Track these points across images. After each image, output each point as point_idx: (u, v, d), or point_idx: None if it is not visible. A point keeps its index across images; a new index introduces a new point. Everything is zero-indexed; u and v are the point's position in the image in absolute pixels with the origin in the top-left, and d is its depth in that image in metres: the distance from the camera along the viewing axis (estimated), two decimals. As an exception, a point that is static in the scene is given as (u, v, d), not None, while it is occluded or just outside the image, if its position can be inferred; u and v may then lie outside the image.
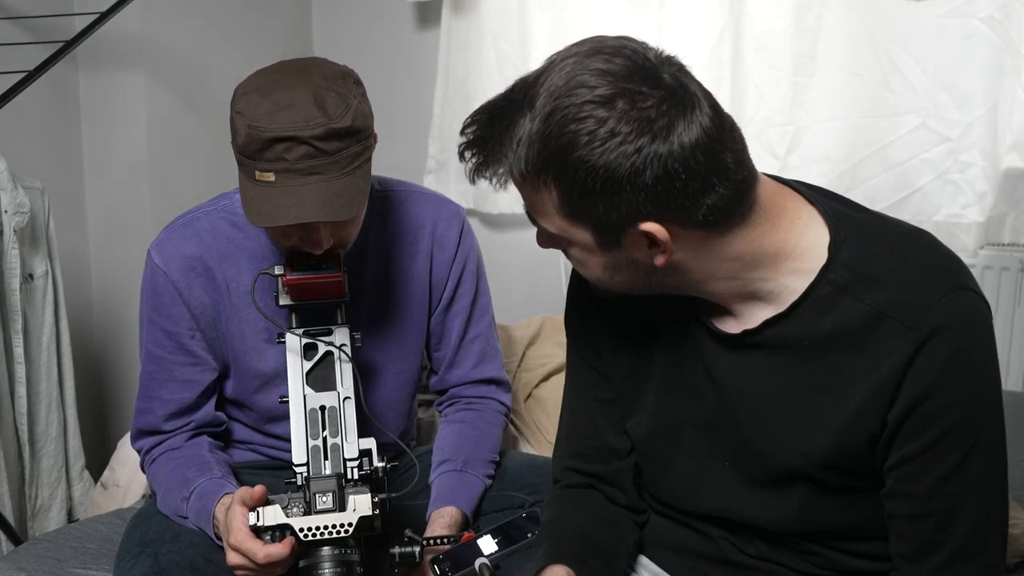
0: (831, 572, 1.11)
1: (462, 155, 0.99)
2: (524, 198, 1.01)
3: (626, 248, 0.98)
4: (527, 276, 2.69)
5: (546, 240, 1.05)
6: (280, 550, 1.22)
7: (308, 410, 1.33)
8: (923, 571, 1.02)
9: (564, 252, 1.05)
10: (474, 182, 1.00)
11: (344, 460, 1.30)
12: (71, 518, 2.21)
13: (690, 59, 2.55)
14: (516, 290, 2.65)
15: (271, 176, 1.26)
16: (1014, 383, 2.21)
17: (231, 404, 1.57)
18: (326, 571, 1.23)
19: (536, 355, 2.12)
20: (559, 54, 0.96)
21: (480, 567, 1.31)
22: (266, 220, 1.28)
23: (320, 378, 1.37)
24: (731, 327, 1.06)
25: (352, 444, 1.31)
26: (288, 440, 1.34)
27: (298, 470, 1.30)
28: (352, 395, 1.35)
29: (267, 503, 1.26)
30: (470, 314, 1.60)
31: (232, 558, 1.25)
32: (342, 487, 1.26)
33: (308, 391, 1.35)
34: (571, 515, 1.22)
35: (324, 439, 1.31)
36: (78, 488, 2.23)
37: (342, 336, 1.38)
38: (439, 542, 1.36)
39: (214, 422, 1.54)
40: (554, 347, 2.12)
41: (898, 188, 2.15)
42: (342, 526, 1.22)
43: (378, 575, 1.36)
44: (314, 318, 1.40)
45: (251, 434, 1.58)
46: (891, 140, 2.15)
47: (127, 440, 2.05)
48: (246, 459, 1.58)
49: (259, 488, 1.26)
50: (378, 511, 1.24)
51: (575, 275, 1.22)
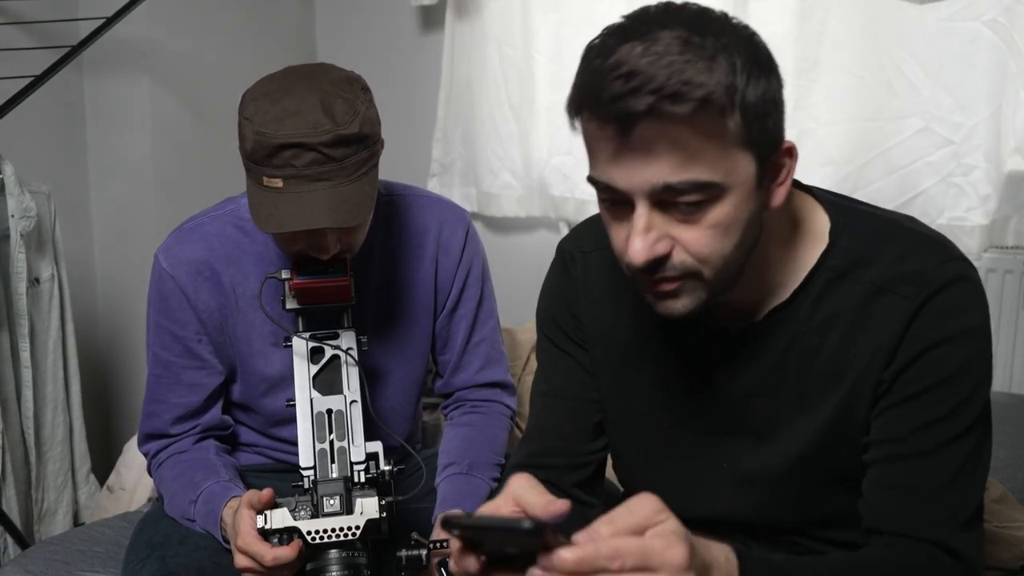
0: None
1: (619, 99, 0.88)
2: (678, 144, 0.89)
3: (767, 189, 0.96)
4: (531, 279, 2.67)
5: (658, 238, 0.93)
6: (288, 553, 1.23)
7: (315, 414, 1.34)
8: (892, 519, 1.00)
9: (691, 240, 0.94)
10: (626, 124, 0.89)
11: (351, 463, 1.30)
12: (77, 521, 2.22)
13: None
14: (520, 294, 2.64)
15: (279, 182, 1.27)
16: (1018, 386, 2.21)
17: (238, 408, 1.57)
18: (333, 574, 1.24)
19: (541, 358, 2.12)
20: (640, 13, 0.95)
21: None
22: (274, 226, 1.28)
23: (327, 382, 1.37)
24: (733, 323, 1.06)
25: (359, 447, 1.31)
26: (294, 443, 1.34)
27: (305, 473, 1.30)
28: (358, 399, 1.35)
29: (275, 506, 1.26)
30: (475, 318, 1.60)
31: (240, 561, 1.26)
32: (349, 490, 1.27)
33: (315, 395, 1.35)
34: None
35: (331, 442, 1.32)
36: (84, 492, 2.24)
37: (348, 340, 1.39)
38: (445, 545, 1.37)
39: (221, 425, 1.55)
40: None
41: (902, 191, 2.15)
42: (349, 529, 1.23)
43: (385, 578, 1.36)
44: (320, 322, 1.41)
45: (257, 437, 1.59)
46: (895, 143, 2.15)
47: (133, 444, 2.06)
48: (252, 462, 1.59)
49: (267, 491, 1.26)
50: (385, 514, 1.25)
51: (557, 266, 1.23)
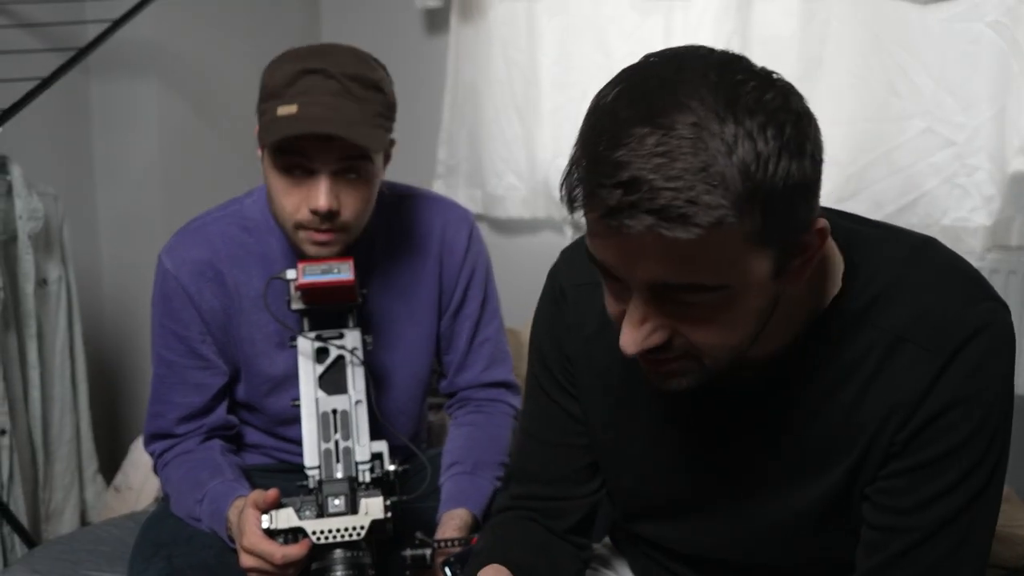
0: None
1: (616, 213, 0.77)
2: (681, 255, 0.78)
3: (789, 271, 0.85)
4: (536, 280, 2.67)
5: (663, 329, 0.85)
6: (297, 551, 1.24)
7: (320, 413, 1.34)
8: None
9: (694, 333, 0.85)
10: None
11: (356, 463, 1.31)
12: (84, 521, 2.22)
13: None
14: (525, 294, 2.64)
15: (293, 108, 1.28)
16: (1022, 387, 2.21)
17: (242, 408, 1.58)
18: (338, 574, 1.24)
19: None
20: (644, 72, 0.81)
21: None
22: (274, 134, 1.29)
23: (332, 381, 1.38)
24: (738, 372, 0.95)
25: (364, 447, 1.32)
26: (299, 443, 1.35)
27: (310, 473, 1.31)
28: (363, 398, 1.36)
29: (280, 506, 1.27)
30: (479, 318, 1.61)
31: (246, 560, 1.26)
32: (354, 490, 1.27)
33: (320, 394, 1.36)
34: (502, 541, 1.14)
35: (336, 442, 1.33)
36: (91, 491, 2.25)
37: (353, 340, 1.39)
38: (450, 545, 1.37)
39: (226, 425, 1.55)
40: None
41: (904, 192, 2.15)
42: (354, 529, 1.24)
43: (389, 577, 1.37)
44: (325, 322, 1.42)
45: (263, 437, 1.59)
46: (897, 144, 2.15)
47: (139, 444, 2.07)
48: (257, 462, 1.59)
49: (272, 491, 1.27)
50: (390, 514, 1.26)
51: (548, 298, 1.15)
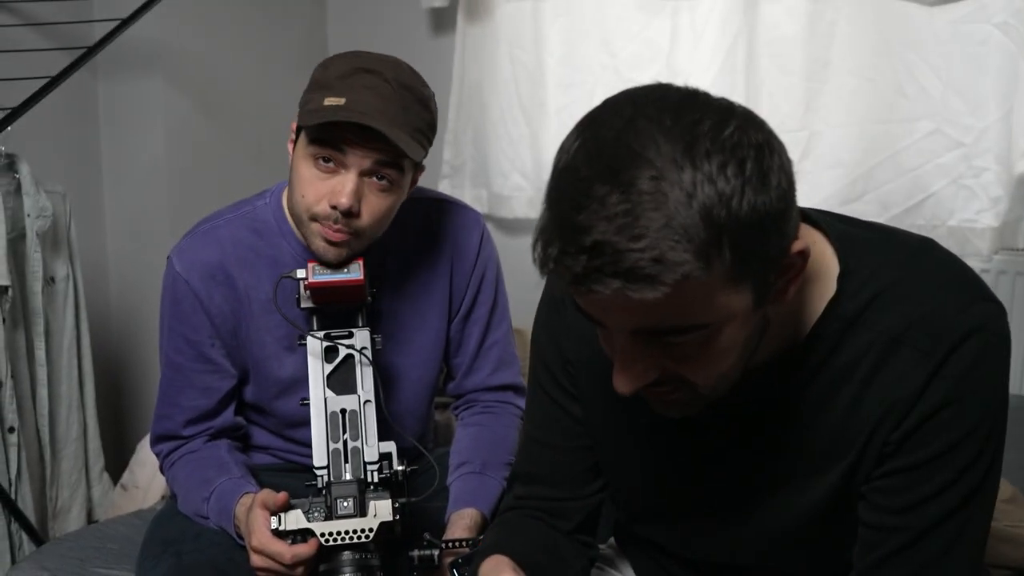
0: None
1: (584, 279, 0.78)
2: (653, 308, 0.78)
3: (773, 294, 0.85)
4: (541, 280, 2.69)
5: (653, 368, 0.86)
6: (307, 550, 1.24)
7: (329, 413, 1.34)
8: None
9: (682, 369, 0.86)
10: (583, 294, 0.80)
11: (364, 464, 1.31)
12: (91, 519, 2.23)
13: (703, 65, 2.54)
14: (531, 294, 2.65)
15: (342, 100, 1.28)
16: (1029, 388, 2.21)
17: (251, 409, 1.57)
18: (346, 575, 1.25)
19: (551, 359, 2.12)
20: (600, 127, 0.80)
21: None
22: (319, 116, 1.29)
23: (340, 381, 1.37)
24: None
25: (372, 447, 1.32)
26: (308, 445, 1.35)
27: (319, 473, 1.31)
28: (372, 398, 1.36)
29: (288, 507, 1.27)
30: (488, 322, 1.60)
31: (256, 560, 1.27)
32: (363, 492, 1.27)
33: (329, 394, 1.36)
34: (508, 539, 1.14)
35: (344, 442, 1.32)
36: (97, 489, 2.26)
37: (363, 339, 1.39)
38: (458, 545, 1.37)
39: (233, 427, 1.55)
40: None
41: (911, 193, 2.15)
42: (363, 531, 1.24)
43: (397, 577, 1.37)
44: (335, 322, 1.42)
45: (271, 439, 1.59)
46: (905, 145, 2.15)
47: (146, 442, 2.07)
48: (265, 462, 1.59)
49: (283, 495, 1.27)
50: (399, 516, 1.26)
51: (547, 301, 1.15)
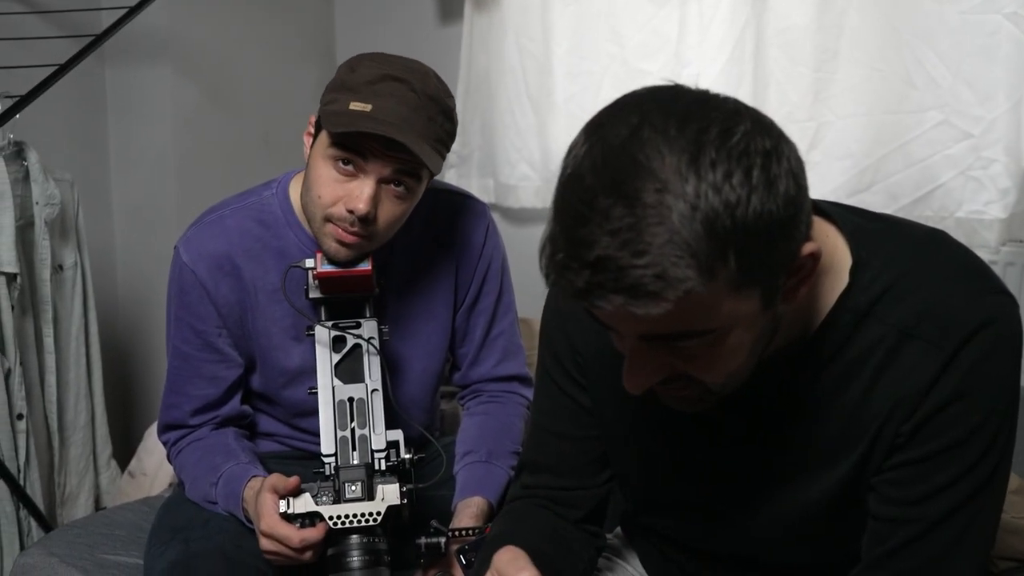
0: None
1: (587, 294, 0.78)
2: (658, 320, 0.78)
3: (782, 296, 0.85)
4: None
5: (662, 368, 0.87)
6: (315, 534, 1.25)
7: (336, 401, 1.35)
8: (887, 575, 0.96)
9: (691, 369, 0.87)
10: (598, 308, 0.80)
11: (372, 451, 1.32)
12: (99, 506, 2.24)
13: (711, 55, 2.53)
14: (538, 284, 2.65)
15: (368, 106, 1.28)
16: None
17: (258, 398, 1.58)
18: (354, 559, 1.25)
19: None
20: (604, 138, 0.79)
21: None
22: (345, 124, 1.28)
23: (348, 370, 1.38)
24: None
25: (380, 435, 1.33)
26: (315, 434, 1.36)
27: (326, 460, 1.32)
28: (379, 387, 1.36)
29: (298, 492, 1.28)
30: (494, 313, 1.61)
31: (265, 544, 1.28)
32: (371, 476, 1.28)
33: (336, 383, 1.37)
34: (515, 528, 1.15)
35: (352, 430, 1.33)
36: (105, 476, 2.27)
37: (370, 329, 1.40)
38: (464, 533, 1.38)
39: (240, 415, 1.56)
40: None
41: (920, 184, 2.15)
42: (371, 515, 1.25)
43: (404, 565, 1.38)
44: (342, 312, 1.42)
45: (278, 426, 1.60)
46: (913, 136, 2.14)
47: (153, 430, 2.09)
48: (272, 450, 1.60)
49: (294, 479, 1.28)
50: (406, 501, 1.27)
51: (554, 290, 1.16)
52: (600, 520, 1.21)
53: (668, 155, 0.76)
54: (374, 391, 1.36)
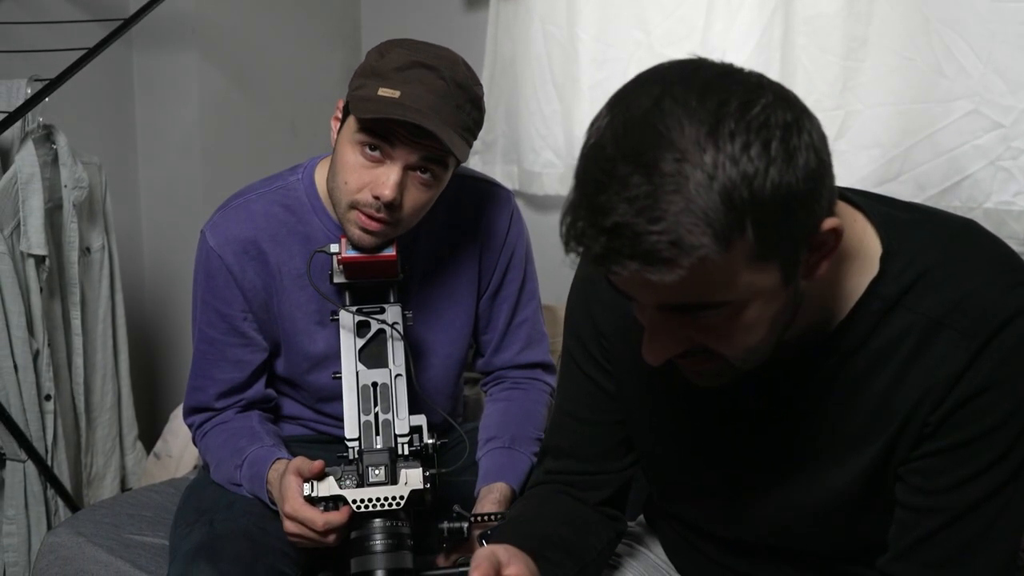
0: None
1: (604, 260, 0.80)
2: (675, 287, 0.79)
3: (802, 270, 0.86)
4: (571, 257, 2.69)
5: (682, 340, 0.88)
6: (339, 517, 1.25)
7: (360, 386, 1.36)
8: (914, 565, 0.96)
9: (710, 342, 0.88)
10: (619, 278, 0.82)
11: (395, 436, 1.33)
12: (124, 487, 2.27)
13: (739, 42, 2.51)
14: (561, 271, 2.65)
15: (396, 93, 1.28)
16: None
17: (283, 382, 1.59)
18: (377, 542, 1.26)
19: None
20: (626, 108, 0.81)
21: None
22: (373, 110, 1.28)
23: (372, 355, 1.39)
24: (773, 354, 0.94)
25: (403, 420, 1.33)
26: (339, 418, 1.37)
27: (350, 444, 1.32)
28: (403, 372, 1.37)
29: (322, 476, 1.29)
30: (518, 300, 1.61)
31: (289, 526, 1.29)
32: (394, 461, 1.29)
33: (360, 367, 1.37)
34: (533, 512, 1.17)
35: (376, 415, 1.34)
36: (131, 458, 2.29)
37: (394, 315, 1.40)
38: (487, 518, 1.39)
39: (264, 399, 1.57)
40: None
41: (948, 175, 2.12)
42: (394, 499, 1.25)
43: (427, 549, 1.39)
44: (367, 297, 1.43)
45: (302, 410, 1.61)
46: (943, 126, 2.12)
47: (179, 412, 2.10)
48: (296, 433, 1.61)
49: (318, 462, 1.28)
50: (429, 485, 1.27)
51: (583, 267, 1.12)
52: (622, 505, 1.21)
53: (688, 126, 0.77)
54: (397, 376, 1.37)
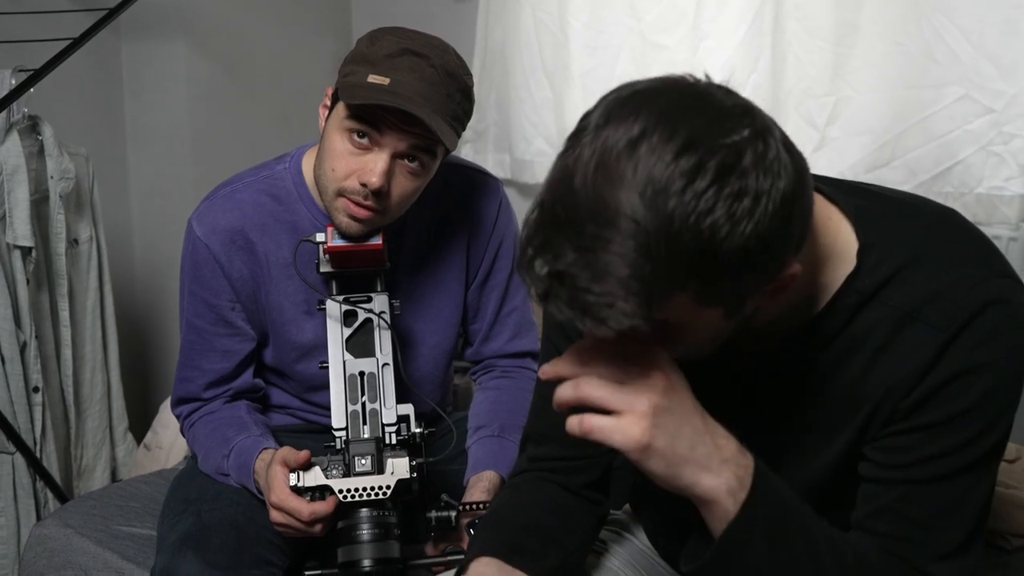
0: None
1: (544, 299, 0.81)
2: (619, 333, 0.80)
3: (751, 305, 0.86)
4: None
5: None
6: (324, 507, 1.25)
7: (347, 376, 1.35)
8: (878, 534, 0.96)
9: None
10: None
11: (382, 425, 1.32)
12: (115, 478, 2.26)
13: (730, 28, 2.49)
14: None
15: (386, 80, 1.27)
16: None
17: (271, 371, 1.59)
18: (364, 532, 1.26)
19: (571, 325, 2.12)
20: (586, 159, 0.78)
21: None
22: (362, 96, 1.27)
23: (359, 344, 1.39)
24: (749, 346, 0.96)
25: (390, 409, 1.33)
26: (327, 407, 1.36)
27: (337, 434, 1.32)
28: (390, 361, 1.37)
29: (308, 465, 1.29)
30: (506, 289, 1.60)
31: (275, 516, 1.28)
32: (381, 450, 1.29)
33: (347, 357, 1.37)
34: (516, 502, 1.16)
35: (363, 404, 1.34)
36: (121, 449, 2.28)
37: (381, 304, 1.40)
38: (475, 507, 1.38)
39: (252, 389, 1.57)
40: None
41: (940, 160, 2.12)
42: (380, 488, 1.25)
43: (415, 538, 1.38)
44: (354, 286, 1.42)
45: (290, 399, 1.61)
46: (934, 111, 2.11)
47: (169, 403, 2.10)
48: (284, 423, 1.61)
49: (304, 453, 1.28)
50: (415, 475, 1.27)
51: None
52: (604, 489, 1.21)
53: (655, 183, 0.75)
54: (385, 365, 1.36)
